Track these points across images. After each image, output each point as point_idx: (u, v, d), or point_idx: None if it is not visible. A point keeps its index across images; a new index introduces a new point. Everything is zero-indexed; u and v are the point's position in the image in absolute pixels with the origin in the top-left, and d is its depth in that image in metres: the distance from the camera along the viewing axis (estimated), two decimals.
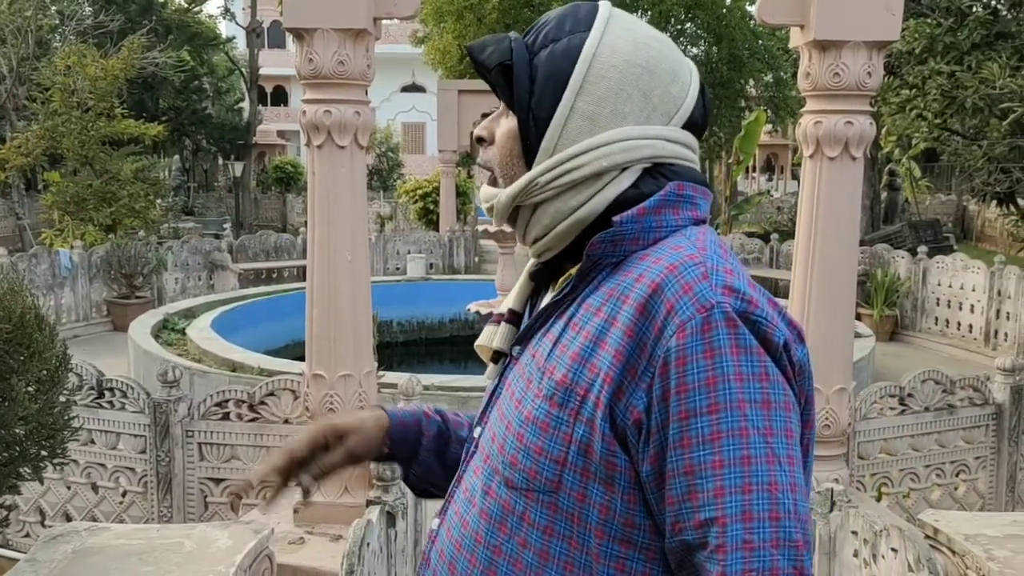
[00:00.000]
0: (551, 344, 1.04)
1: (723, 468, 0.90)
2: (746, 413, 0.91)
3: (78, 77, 13.64)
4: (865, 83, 3.63)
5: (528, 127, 1.06)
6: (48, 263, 10.61)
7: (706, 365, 0.91)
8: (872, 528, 2.84)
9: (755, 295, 0.96)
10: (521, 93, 1.06)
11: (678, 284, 0.95)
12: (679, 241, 1.01)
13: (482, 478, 1.08)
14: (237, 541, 3.07)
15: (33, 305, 3.06)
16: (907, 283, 11.04)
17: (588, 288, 1.04)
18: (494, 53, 1.07)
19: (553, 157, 1.05)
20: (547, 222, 1.07)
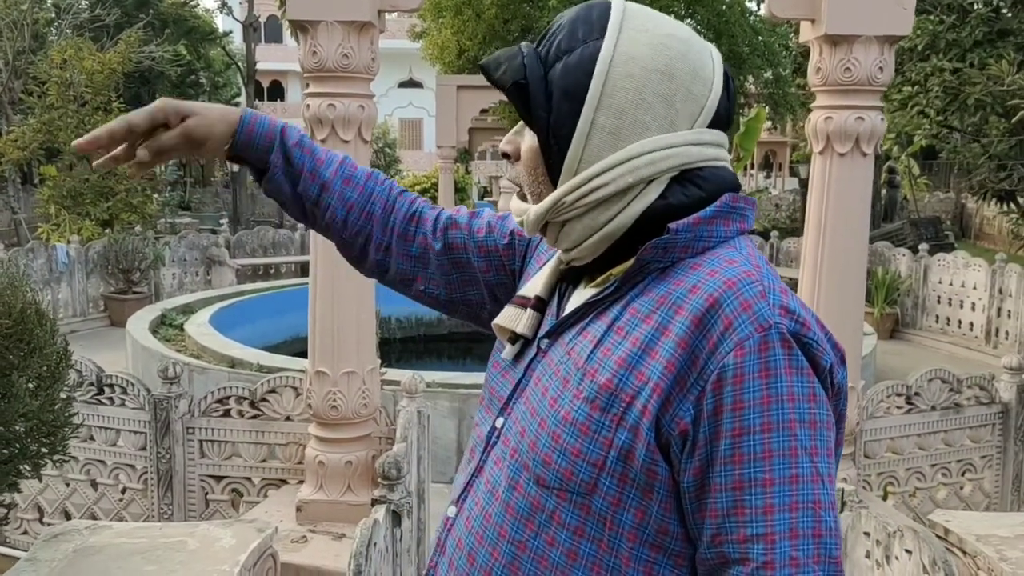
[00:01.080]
0: (591, 345, 1.03)
1: (773, 486, 0.92)
2: (796, 433, 0.93)
3: (74, 71, 13.56)
4: (877, 78, 3.59)
5: (549, 145, 1.04)
6: (45, 258, 10.55)
7: (761, 384, 0.93)
8: (885, 529, 2.81)
9: (807, 317, 0.98)
10: (538, 112, 1.03)
11: (736, 301, 0.95)
12: (732, 255, 1.01)
13: (508, 472, 1.06)
14: (241, 540, 3.03)
15: (33, 300, 3.01)
16: (908, 281, 11.03)
17: (633, 292, 1.03)
18: (507, 71, 1.04)
19: (577, 176, 1.03)
20: (576, 237, 1.07)
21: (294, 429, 4.37)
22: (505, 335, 1.16)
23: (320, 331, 3.95)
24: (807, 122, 3.82)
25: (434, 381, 5.98)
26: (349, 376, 3.95)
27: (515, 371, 1.14)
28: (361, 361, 3.98)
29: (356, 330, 3.96)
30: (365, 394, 4.01)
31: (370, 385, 4.03)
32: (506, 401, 1.13)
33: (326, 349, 3.94)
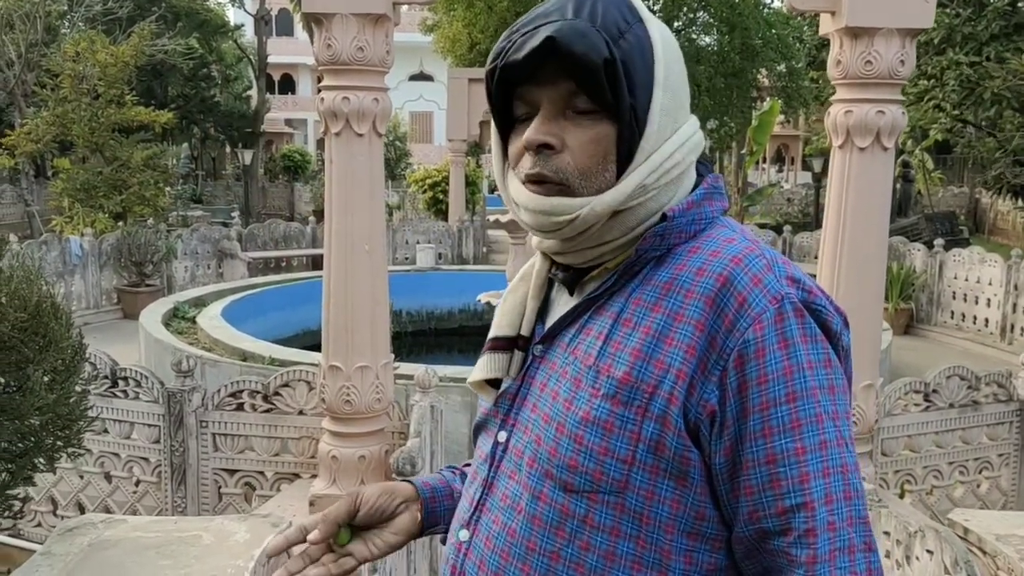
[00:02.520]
0: (599, 342, 1.01)
1: (805, 454, 0.93)
2: (819, 400, 0.94)
3: (87, 64, 13.58)
4: (898, 71, 3.54)
5: (631, 128, 1.00)
6: (58, 250, 10.59)
7: (782, 356, 0.93)
8: (906, 529, 2.78)
9: (811, 284, 0.99)
10: (623, 91, 0.99)
11: (747, 276, 0.95)
12: (728, 233, 1.02)
13: (528, 483, 1.03)
14: (255, 535, 3.03)
15: (49, 294, 3.00)
16: (923, 276, 10.95)
17: (633, 283, 1.02)
18: (594, 46, 0.96)
19: (654, 157, 1.01)
20: (633, 223, 1.03)
21: (307, 423, 4.36)
22: (484, 388, 1.13)
23: (334, 325, 3.94)
24: (826, 116, 3.78)
25: (446, 375, 5.96)
26: (363, 371, 3.93)
27: (514, 385, 1.10)
28: (375, 355, 3.96)
29: (370, 324, 3.94)
30: (379, 388, 3.99)
31: (384, 380, 4.01)
32: (506, 414, 1.09)
33: (340, 343, 3.93)
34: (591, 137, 1.00)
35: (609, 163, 1.01)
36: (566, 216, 1.01)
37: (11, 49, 16.56)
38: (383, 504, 1.13)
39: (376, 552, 1.13)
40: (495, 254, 15.39)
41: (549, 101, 1.01)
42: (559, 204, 1.01)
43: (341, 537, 1.11)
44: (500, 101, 1.05)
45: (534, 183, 1.02)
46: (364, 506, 1.12)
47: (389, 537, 1.13)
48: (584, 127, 1.00)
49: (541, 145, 1.01)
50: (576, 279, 1.08)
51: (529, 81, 1.01)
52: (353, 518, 1.12)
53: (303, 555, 1.09)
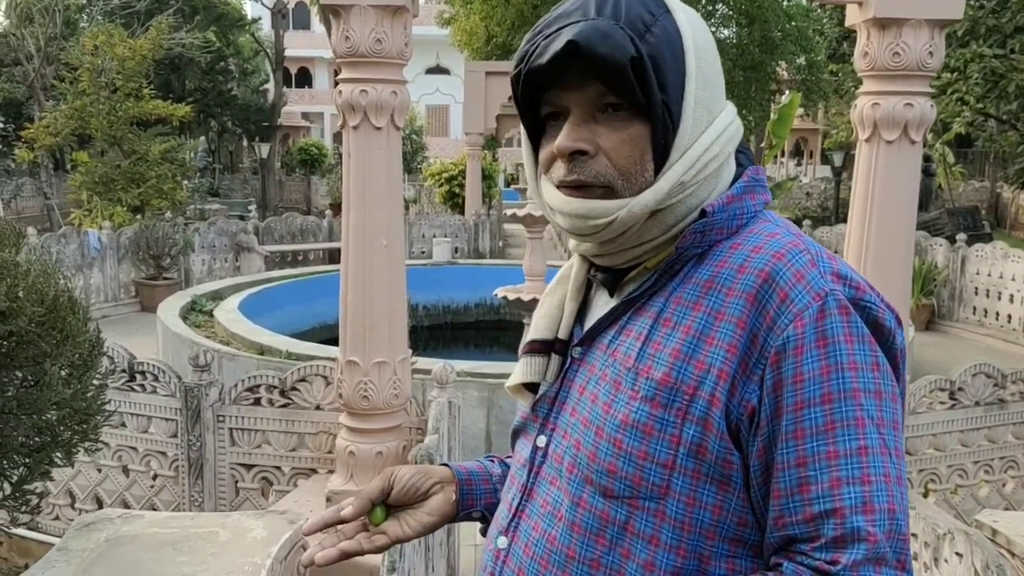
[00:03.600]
0: (639, 343, 0.98)
1: (839, 459, 0.88)
2: (861, 403, 0.89)
3: (106, 57, 13.63)
4: (927, 63, 3.47)
5: (665, 125, 0.96)
6: (77, 244, 10.64)
7: (819, 354, 0.89)
8: (935, 531, 2.72)
9: (859, 280, 0.94)
10: (653, 88, 0.95)
11: (789, 272, 0.92)
12: (770, 228, 0.99)
13: (568, 490, 1.01)
14: (272, 531, 3.01)
15: (66, 288, 2.98)
16: (945, 271, 10.81)
17: (674, 282, 0.99)
18: (618, 46, 0.92)
19: (691, 152, 0.97)
20: (672, 221, 0.99)
21: (324, 418, 4.34)
22: (520, 392, 1.10)
23: (351, 321, 3.91)
24: (852, 108, 3.70)
25: (463, 370, 5.93)
26: (380, 366, 3.90)
27: (553, 388, 1.08)
28: (393, 351, 3.93)
29: (388, 320, 3.91)
30: (396, 384, 3.96)
31: (401, 375, 3.98)
32: (545, 418, 1.07)
33: (357, 339, 3.90)
34: (625, 138, 0.97)
35: (647, 162, 0.97)
36: (603, 219, 0.97)
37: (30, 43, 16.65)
38: (417, 483, 1.12)
39: (409, 532, 1.10)
40: (512, 248, 15.36)
41: (577, 105, 0.97)
42: (595, 207, 0.98)
43: (375, 516, 1.10)
44: (527, 104, 1.02)
45: (573, 188, 0.99)
46: (398, 484, 1.11)
47: (423, 517, 1.11)
48: (617, 128, 0.97)
49: (575, 152, 0.97)
50: (616, 280, 1.05)
51: (556, 85, 0.98)
52: (387, 496, 1.10)
53: (337, 532, 1.08)
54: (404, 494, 1.11)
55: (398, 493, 1.10)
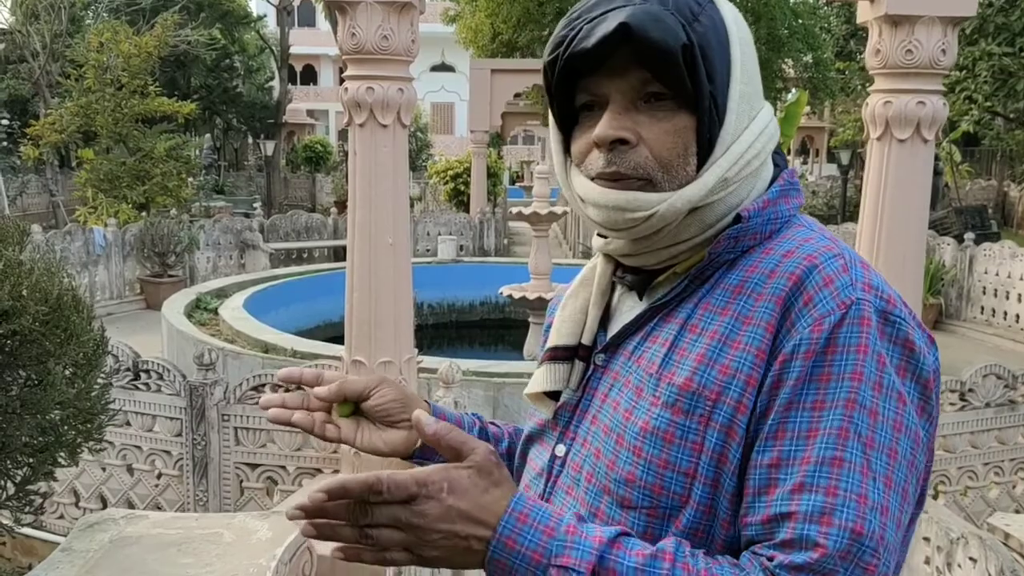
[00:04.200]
0: (664, 349, 0.94)
1: (809, 465, 0.83)
2: (851, 416, 0.83)
3: (111, 54, 13.62)
4: (939, 61, 3.42)
5: (711, 117, 0.92)
6: (82, 241, 10.63)
7: (825, 361, 0.85)
8: (948, 535, 2.68)
9: (892, 293, 0.90)
10: (701, 77, 0.91)
11: (819, 276, 0.88)
12: (804, 233, 0.95)
13: (585, 500, 0.97)
14: (277, 533, 2.98)
15: (70, 286, 2.96)
16: (953, 271, 10.76)
17: (704, 288, 0.95)
18: (670, 31, 0.89)
19: (735, 147, 0.93)
20: (712, 220, 0.95)
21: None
22: (542, 400, 1.06)
23: (357, 320, 3.88)
24: (864, 106, 3.66)
25: (468, 369, 5.90)
26: (386, 366, 3.87)
27: (574, 396, 1.04)
28: (398, 351, 3.90)
29: (393, 319, 3.88)
30: (402, 384, 3.93)
31: (407, 375, 3.95)
32: (565, 426, 1.03)
33: (363, 338, 3.87)
34: (668, 129, 0.92)
35: (690, 156, 0.93)
36: (642, 212, 0.93)
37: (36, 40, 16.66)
38: (392, 410, 1.08)
39: (359, 443, 1.08)
40: (517, 246, 15.34)
41: (619, 92, 0.93)
42: (635, 199, 0.93)
43: (343, 408, 1.09)
44: (561, 93, 0.97)
45: (610, 180, 0.94)
46: (375, 399, 1.07)
47: (378, 441, 1.08)
48: (660, 118, 0.93)
49: (615, 141, 0.93)
50: (646, 282, 1.01)
51: (596, 71, 0.93)
52: (361, 400, 1.08)
53: (304, 397, 1.07)
54: (376, 411, 1.08)
55: (372, 408, 1.08)
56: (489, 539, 0.82)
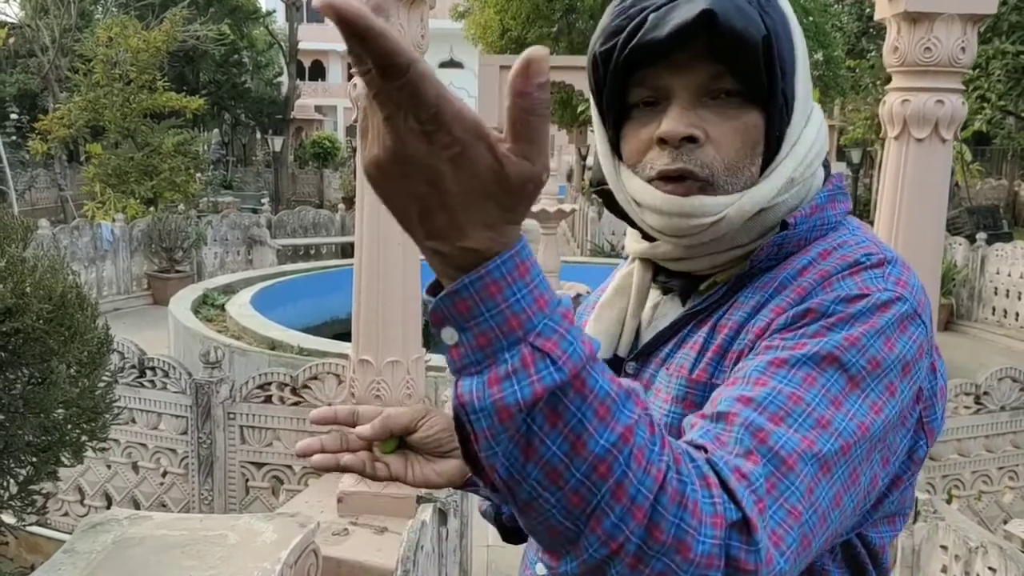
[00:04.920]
0: (695, 352, 0.89)
1: (762, 389, 0.74)
2: (826, 369, 0.75)
3: (120, 49, 13.61)
4: (958, 59, 3.36)
5: (782, 114, 0.87)
6: (90, 236, 10.62)
7: (825, 324, 0.78)
8: (966, 544, 2.62)
9: (927, 303, 0.83)
10: (777, 72, 0.85)
11: (848, 267, 0.83)
12: (844, 236, 0.89)
13: None
14: (282, 535, 2.94)
15: (74, 284, 2.92)
16: (964, 271, 10.67)
17: (740, 294, 0.90)
18: (753, 21, 0.83)
19: (798, 147, 0.88)
20: (771, 223, 0.90)
21: None
22: None
23: (365, 319, 3.83)
24: (881, 104, 3.60)
25: None
26: (393, 365, 3.83)
27: None
28: (406, 350, 3.86)
29: (402, 318, 3.83)
30: (409, 384, 3.89)
31: (415, 375, 3.91)
32: None
33: (370, 337, 3.83)
34: (738, 127, 0.87)
35: (756, 155, 0.88)
36: (708, 218, 0.87)
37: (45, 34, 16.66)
38: (443, 439, 1.01)
39: (411, 479, 1.00)
40: None
41: (685, 88, 0.87)
42: (702, 204, 0.86)
43: (387, 444, 1.00)
44: (613, 88, 0.90)
45: (670, 180, 0.88)
46: (423, 431, 1.00)
47: (431, 473, 1.01)
48: (728, 116, 0.86)
49: (685, 138, 0.86)
50: (692, 288, 0.96)
51: (655, 64, 0.86)
52: (407, 434, 1.00)
53: (343, 437, 0.98)
54: (425, 443, 1.01)
55: (420, 440, 1.00)
56: (467, 265, 0.59)
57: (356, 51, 0.53)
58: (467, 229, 0.58)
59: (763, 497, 0.67)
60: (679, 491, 0.62)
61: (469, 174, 0.56)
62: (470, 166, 0.56)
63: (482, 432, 0.59)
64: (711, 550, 0.62)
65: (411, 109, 0.54)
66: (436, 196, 0.57)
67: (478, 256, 0.58)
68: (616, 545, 0.60)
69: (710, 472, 0.66)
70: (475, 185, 0.56)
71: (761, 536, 0.64)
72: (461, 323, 0.59)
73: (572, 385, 0.59)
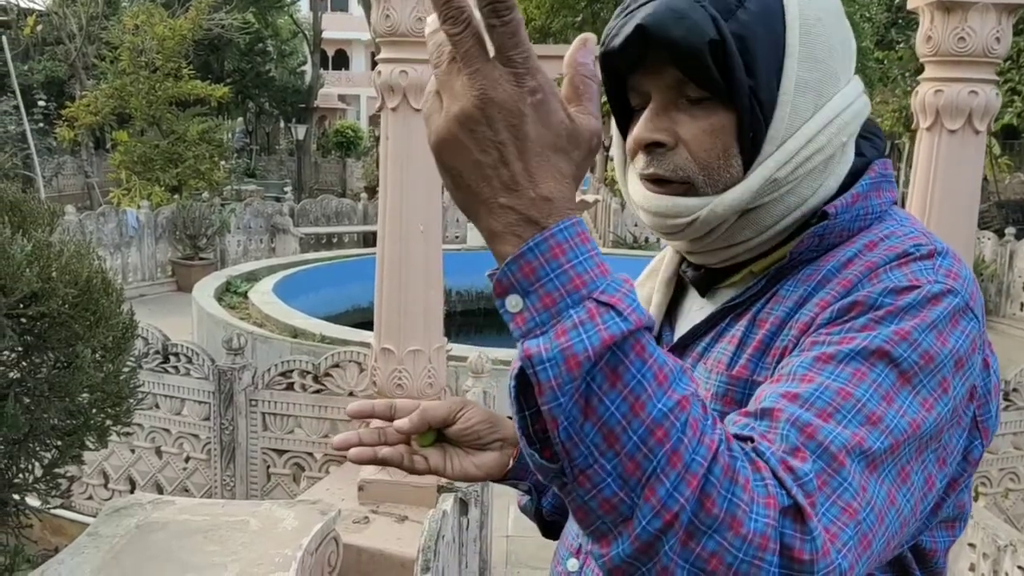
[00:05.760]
0: (733, 347, 0.87)
1: (810, 384, 0.72)
2: (876, 364, 0.72)
3: (146, 37, 13.69)
4: (993, 49, 3.29)
5: (753, 115, 0.84)
6: (116, 222, 10.72)
7: (872, 318, 0.74)
8: (995, 542, 2.58)
9: (979, 296, 0.80)
10: (739, 74, 0.83)
11: (895, 259, 0.79)
12: (892, 226, 0.86)
13: None
14: (303, 522, 2.95)
15: (100, 269, 2.93)
16: (992, 266, 10.53)
17: (778, 286, 0.87)
18: (695, 27, 0.81)
19: (788, 144, 0.85)
20: (769, 222, 0.87)
21: None
22: None
23: (387, 308, 3.83)
24: (913, 95, 3.54)
25: (498, 358, 5.84)
26: (415, 354, 3.83)
27: None
28: (428, 339, 3.85)
29: (423, 307, 3.83)
30: (431, 373, 3.89)
31: (436, 364, 3.91)
32: None
33: (392, 326, 3.82)
34: (706, 128, 0.85)
35: (731, 156, 0.86)
36: (683, 219, 0.87)
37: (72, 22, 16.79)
38: (482, 432, 1.00)
39: (450, 472, 0.99)
40: None
41: (657, 91, 0.87)
42: (675, 205, 0.87)
43: (425, 437, 0.99)
44: (615, 89, 0.91)
45: (653, 183, 0.89)
46: (462, 423, 0.99)
47: (469, 467, 1.00)
48: (698, 118, 0.86)
49: (651, 144, 0.87)
50: (710, 280, 0.94)
51: (637, 70, 0.87)
52: (446, 427, 1.00)
53: (380, 431, 0.97)
54: (463, 435, 1.00)
55: (458, 432, 0.99)
56: (540, 216, 0.62)
57: None
58: (540, 178, 0.62)
59: (813, 493, 0.64)
60: (731, 466, 0.61)
61: (546, 124, 0.62)
62: (548, 115, 0.62)
63: (548, 383, 0.60)
64: (764, 530, 0.60)
65: (511, 48, 0.60)
66: (516, 143, 0.61)
67: (551, 206, 0.62)
68: (670, 516, 0.60)
69: (758, 459, 0.65)
70: (549, 137, 0.62)
71: (816, 525, 0.62)
72: (526, 287, 0.62)
73: (636, 342, 0.61)
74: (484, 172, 0.62)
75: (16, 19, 16.95)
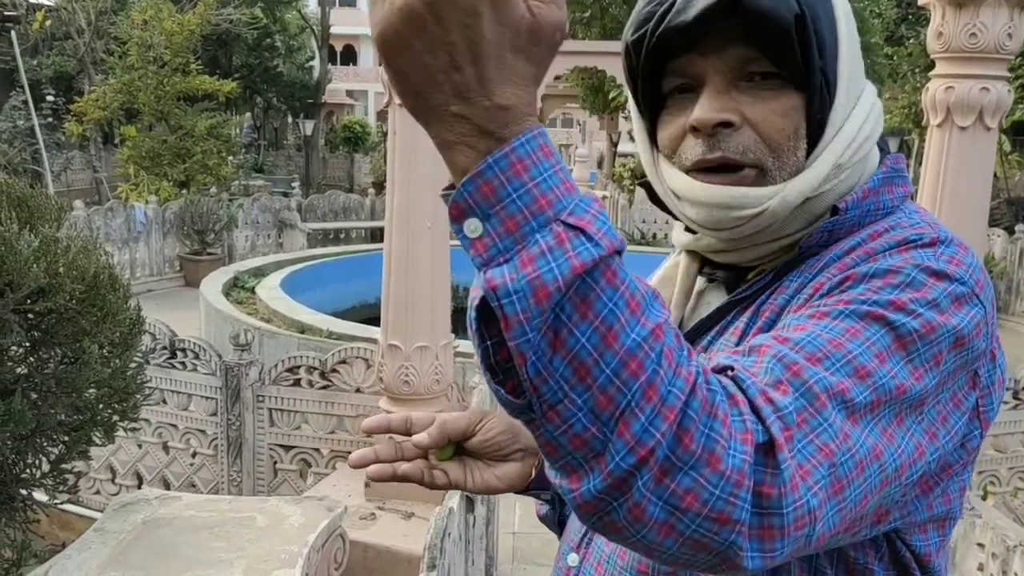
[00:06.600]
0: (735, 338, 0.86)
1: (802, 332, 0.70)
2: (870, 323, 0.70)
3: (154, 32, 13.71)
4: (1005, 45, 3.26)
5: (823, 96, 0.83)
6: (124, 217, 10.74)
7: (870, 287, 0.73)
8: (1004, 542, 2.56)
9: (989, 286, 0.78)
10: (813, 52, 0.81)
11: (896, 245, 0.78)
12: (899, 219, 0.84)
13: None
14: (310, 518, 2.95)
15: (107, 264, 2.93)
16: (1002, 263, 10.47)
17: (784, 279, 0.86)
18: (783, 1, 0.79)
19: (846, 129, 0.84)
20: (819, 212, 0.86)
21: (364, 401, 4.28)
22: None
23: (394, 304, 3.82)
24: (924, 92, 3.51)
25: None
26: (422, 351, 3.82)
27: None
28: (435, 336, 3.85)
29: (431, 304, 3.82)
30: (438, 369, 3.88)
31: (443, 360, 3.90)
32: None
33: (399, 322, 3.82)
34: (776, 108, 0.83)
35: (800, 139, 0.84)
36: (751, 209, 0.83)
37: (81, 17, 16.81)
38: (503, 443, 0.98)
39: (471, 485, 0.97)
40: None
41: (717, 72, 0.83)
42: (743, 195, 0.83)
43: (444, 451, 0.97)
44: (648, 76, 0.87)
45: (710, 171, 0.84)
46: (482, 434, 0.97)
47: (491, 478, 0.98)
48: (764, 98, 0.83)
49: (719, 124, 0.83)
50: (738, 279, 0.92)
51: (689, 50, 0.83)
52: (465, 439, 0.97)
53: (398, 447, 0.95)
54: (483, 447, 0.98)
55: (478, 444, 0.97)
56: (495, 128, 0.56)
57: None
58: (496, 85, 0.55)
59: (792, 427, 0.62)
60: (709, 400, 0.59)
61: (503, 21, 0.54)
62: (506, 10, 0.54)
63: (515, 316, 0.55)
64: (741, 466, 0.58)
65: None
66: (469, 45, 0.54)
67: (508, 115, 0.56)
68: (645, 451, 0.57)
69: (737, 391, 0.62)
70: (507, 36, 0.55)
71: (786, 458, 0.60)
72: (486, 209, 0.57)
73: (607, 267, 0.56)
74: (433, 76, 0.55)
75: (25, 14, 16.98)
